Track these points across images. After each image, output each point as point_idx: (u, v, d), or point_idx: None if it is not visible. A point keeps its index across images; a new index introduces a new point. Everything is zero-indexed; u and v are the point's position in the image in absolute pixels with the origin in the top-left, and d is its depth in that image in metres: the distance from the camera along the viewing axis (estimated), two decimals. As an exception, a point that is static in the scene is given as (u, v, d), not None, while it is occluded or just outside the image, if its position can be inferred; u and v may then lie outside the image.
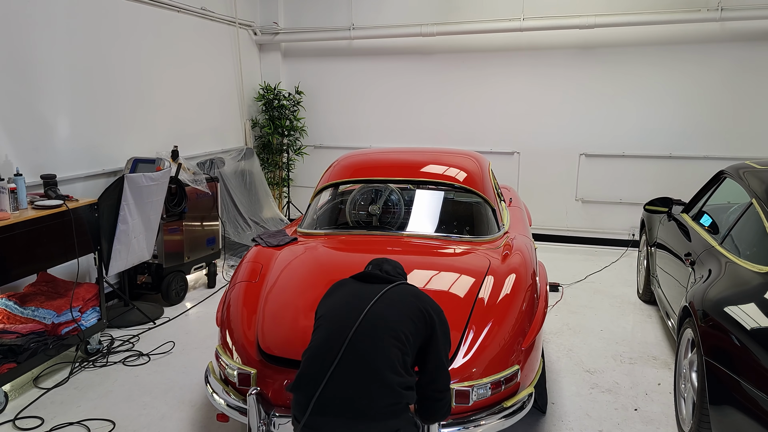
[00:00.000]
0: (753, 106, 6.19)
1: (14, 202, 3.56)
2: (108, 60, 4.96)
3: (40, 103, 4.32)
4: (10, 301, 3.70)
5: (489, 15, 6.74)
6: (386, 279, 2.16)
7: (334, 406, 1.82)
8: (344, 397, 1.82)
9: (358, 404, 1.81)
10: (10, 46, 4.05)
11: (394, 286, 2.10)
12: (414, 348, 2.00)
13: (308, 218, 3.93)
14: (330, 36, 7.36)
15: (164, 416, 3.31)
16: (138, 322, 4.61)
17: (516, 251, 3.32)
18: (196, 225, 5.32)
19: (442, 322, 2.11)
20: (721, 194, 4.03)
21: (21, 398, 3.50)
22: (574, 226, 7.04)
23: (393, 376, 1.85)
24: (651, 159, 6.61)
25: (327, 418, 1.82)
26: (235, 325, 2.84)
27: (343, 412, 1.81)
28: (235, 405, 2.62)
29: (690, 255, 3.65)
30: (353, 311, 1.97)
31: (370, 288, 2.10)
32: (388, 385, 1.84)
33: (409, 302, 2.05)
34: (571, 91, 6.74)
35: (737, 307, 2.65)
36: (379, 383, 1.84)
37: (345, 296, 2.10)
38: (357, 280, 2.19)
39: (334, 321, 1.98)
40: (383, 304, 2.00)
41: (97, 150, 4.87)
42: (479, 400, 2.49)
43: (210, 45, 6.55)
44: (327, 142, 7.82)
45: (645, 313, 4.86)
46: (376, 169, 4.00)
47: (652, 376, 3.77)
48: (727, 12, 5.91)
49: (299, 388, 1.91)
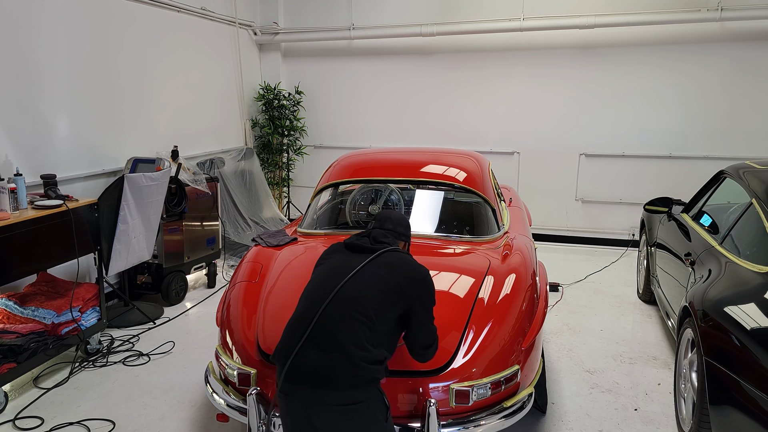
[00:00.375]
0: (753, 106, 6.19)
1: (14, 202, 3.56)
2: (108, 60, 4.96)
3: (40, 103, 4.32)
4: (10, 301, 3.70)
5: (489, 15, 6.74)
6: (371, 249, 2.24)
7: (303, 375, 2.00)
8: (311, 367, 1.99)
9: (324, 374, 1.98)
10: (10, 46, 4.05)
11: (374, 257, 2.20)
12: (389, 320, 2.13)
13: (308, 218, 3.93)
14: (330, 36, 7.37)
15: (164, 416, 3.31)
16: (138, 322, 4.61)
17: (516, 251, 3.32)
18: (196, 225, 5.32)
19: (423, 289, 2.22)
20: (721, 194, 4.03)
21: (21, 398, 3.50)
22: (574, 226, 7.04)
23: (356, 351, 2.00)
24: (651, 159, 6.61)
25: (297, 385, 2.01)
26: (235, 325, 2.84)
27: (311, 381, 1.99)
28: (235, 405, 2.62)
29: (690, 255, 3.65)
30: (328, 288, 2.12)
31: (353, 260, 2.21)
32: (350, 358, 1.99)
33: (384, 277, 2.15)
34: (570, 91, 6.74)
35: (737, 307, 2.65)
36: (343, 357, 1.99)
37: (327, 270, 2.24)
38: (346, 247, 2.31)
39: (311, 295, 2.15)
40: (357, 279, 2.13)
41: (97, 150, 4.87)
42: (479, 400, 2.49)
43: (210, 45, 6.55)
44: (327, 142, 7.82)
45: (645, 313, 4.86)
46: (376, 169, 4.00)
47: (652, 376, 3.77)
48: (727, 12, 5.91)
49: (276, 357, 2.12)
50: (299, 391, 2.00)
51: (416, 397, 2.44)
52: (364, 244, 2.27)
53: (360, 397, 2.00)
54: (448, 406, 2.45)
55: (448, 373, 2.48)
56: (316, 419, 1.99)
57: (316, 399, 1.99)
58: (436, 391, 2.44)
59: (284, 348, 2.07)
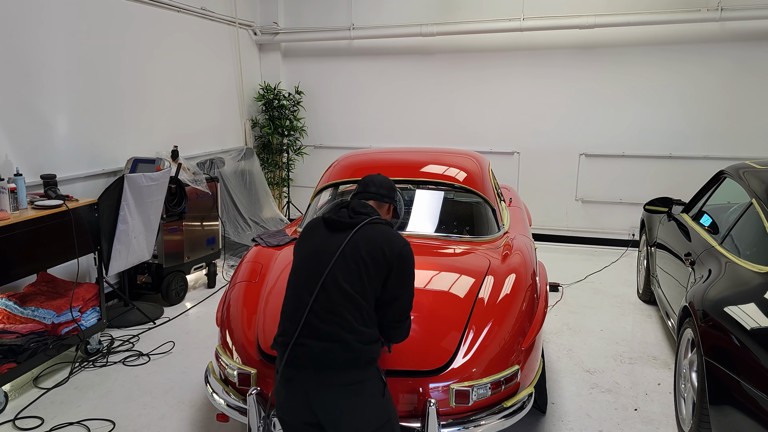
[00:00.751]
0: (753, 106, 6.19)
1: (14, 202, 3.56)
2: (108, 60, 4.96)
3: (41, 103, 4.32)
4: (10, 301, 3.70)
5: (489, 15, 6.74)
6: (350, 224, 2.19)
7: (302, 361, 2.05)
8: (310, 354, 2.05)
9: (323, 359, 2.04)
10: (10, 45, 4.05)
11: (353, 234, 2.16)
12: (374, 293, 2.14)
13: (308, 218, 3.93)
14: (330, 36, 7.37)
15: (164, 416, 3.31)
16: (138, 322, 4.61)
17: (516, 251, 3.32)
18: (196, 225, 5.32)
19: (400, 261, 2.17)
20: (721, 194, 4.03)
21: (21, 398, 3.50)
22: (574, 226, 7.04)
23: (350, 336, 2.04)
24: (651, 159, 6.61)
25: (298, 369, 2.06)
26: (235, 325, 2.84)
27: (311, 366, 2.04)
28: (235, 405, 2.62)
29: (690, 255, 3.65)
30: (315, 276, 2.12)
31: (333, 240, 2.17)
32: (346, 343, 2.04)
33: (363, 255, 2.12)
34: (570, 90, 6.74)
35: (737, 307, 2.65)
36: (339, 343, 2.04)
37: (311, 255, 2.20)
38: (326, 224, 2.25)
39: (300, 285, 2.16)
40: (340, 264, 2.12)
41: (97, 150, 4.87)
42: (479, 400, 2.49)
43: (210, 45, 6.55)
44: (327, 142, 7.82)
45: (645, 313, 4.86)
46: (376, 169, 3.99)
47: (652, 376, 3.77)
48: (727, 12, 5.91)
49: (276, 347, 2.17)
50: (300, 375, 2.05)
51: (416, 397, 2.44)
52: (343, 219, 2.22)
53: (359, 377, 2.05)
54: (448, 406, 2.45)
55: (448, 373, 2.48)
56: (315, 403, 2.03)
57: (317, 382, 2.03)
58: (436, 391, 2.44)
59: (283, 337, 2.12)
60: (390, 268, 2.14)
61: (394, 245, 2.17)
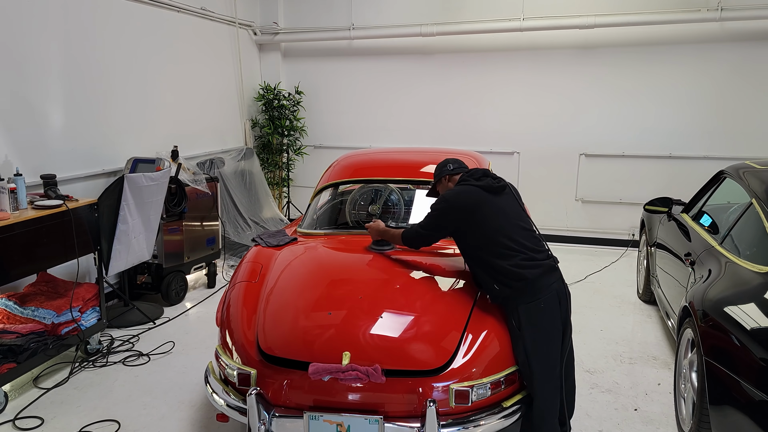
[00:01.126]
0: (753, 106, 6.19)
1: (14, 202, 3.56)
2: (108, 60, 4.96)
3: (40, 103, 4.32)
4: (10, 301, 3.70)
5: (489, 15, 6.74)
6: (502, 186, 2.94)
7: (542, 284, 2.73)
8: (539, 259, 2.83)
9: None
10: (9, 45, 4.05)
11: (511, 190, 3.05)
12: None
13: (308, 218, 3.93)
14: (330, 36, 7.37)
15: (164, 416, 3.31)
16: (138, 322, 4.61)
17: (516, 251, 3.31)
18: (196, 225, 5.32)
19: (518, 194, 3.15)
20: (721, 194, 4.03)
21: (21, 398, 3.50)
22: (574, 226, 7.04)
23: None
24: (651, 159, 6.61)
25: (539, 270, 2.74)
26: (235, 325, 2.84)
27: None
28: (235, 405, 2.61)
29: (690, 255, 3.65)
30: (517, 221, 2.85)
31: (505, 200, 2.92)
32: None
33: (517, 198, 3.05)
34: (570, 90, 6.74)
35: (737, 307, 2.65)
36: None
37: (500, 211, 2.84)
38: (486, 191, 2.87)
39: (512, 231, 2.77)
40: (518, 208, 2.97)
41: (97, 150, 4.87)
42: (479, 400, 2.49)
43: (210, 45, 6.55)
44: (327, 142, 7.82)
45: (645, 313, 4.86)
46: (376, 169, 4.00)
47: (652, 376, 3.77)
48: (727, 12, 5.91)
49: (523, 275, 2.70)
50: (542, 276, 2.72)
51: (416, 397, 2.44)
52: (497, 185, 2.91)
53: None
54: (447, 406, 2.45)
55: (448, 373, 2.48)
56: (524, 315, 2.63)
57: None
58: (435, 391, 2.44)
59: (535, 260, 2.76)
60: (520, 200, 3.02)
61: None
